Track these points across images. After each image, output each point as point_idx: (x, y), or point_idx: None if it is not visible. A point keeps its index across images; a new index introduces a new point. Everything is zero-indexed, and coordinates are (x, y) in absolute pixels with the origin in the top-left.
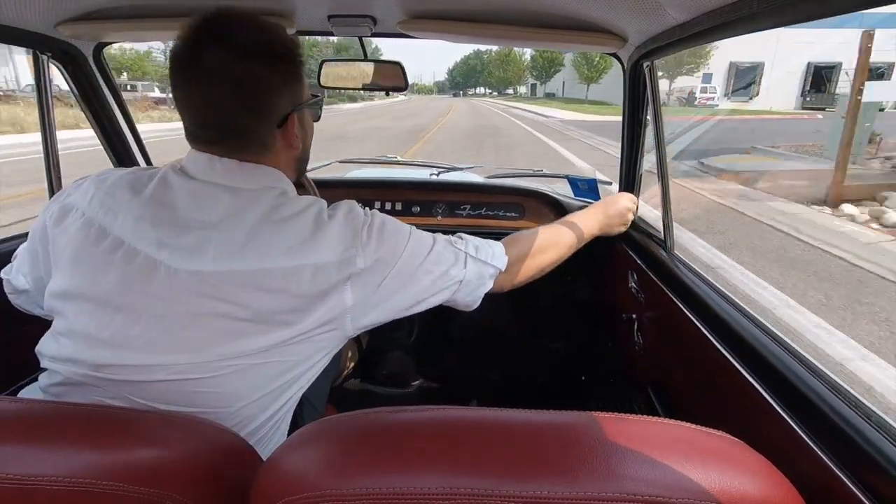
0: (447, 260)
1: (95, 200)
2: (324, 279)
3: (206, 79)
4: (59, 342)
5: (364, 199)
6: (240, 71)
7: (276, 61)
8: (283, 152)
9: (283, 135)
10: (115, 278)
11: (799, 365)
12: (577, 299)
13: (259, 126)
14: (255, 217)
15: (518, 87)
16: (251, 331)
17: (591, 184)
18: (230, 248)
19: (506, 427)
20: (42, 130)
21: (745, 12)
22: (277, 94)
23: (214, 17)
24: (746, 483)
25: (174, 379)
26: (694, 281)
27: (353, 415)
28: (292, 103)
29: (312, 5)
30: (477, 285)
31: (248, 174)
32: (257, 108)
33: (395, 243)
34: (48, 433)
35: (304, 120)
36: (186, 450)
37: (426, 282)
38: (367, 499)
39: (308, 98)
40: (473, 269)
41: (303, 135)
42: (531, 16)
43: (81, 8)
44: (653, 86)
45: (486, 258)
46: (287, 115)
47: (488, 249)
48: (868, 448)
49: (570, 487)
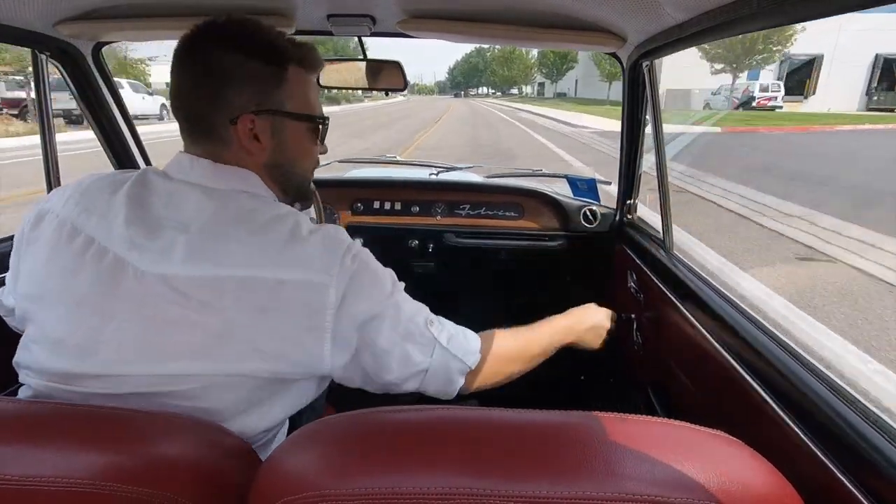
0: (417, 341)
1: (71, 202)
2: (294, 293)
3: (178, 64)
4: (30, 350)
5: (363, 199)
6: (207, 58)
7: (248, 55)
8: (242, 152)
9: (236, 132)
10: (85, 278)
11: (798, 365)
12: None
13: (214, 115)
14: (225, 219)
15: (523, 86)
16: (221, 342)
17: (590, 183)
18: (198, 251)
19: (505, 427)
20: (41, 130)
21: (744, 12)
22: (238, 88)
23: (215, 19)
24: (746, 483)
25: (143, 392)
26: (693, 281)
27: (351, 415)
28: (256, 104)
29: (312, 5)
30: (445, 379)
31: (220, 174)
32: (212, 96)
33: (374, 294)
34: (47, 434)
35: (283, 131)
36: (186, 450)
37: (391, 358)
38: (366, 498)
39: (296, 109)
40: (440, 360)
41: (276, 145)
42: (530, 15)
43: (80, 7)
44: (652, 85)
45: (456, 351)
46: (242, 113)
47: (461, 341)
48: (867, 448)
49: (570, 487)
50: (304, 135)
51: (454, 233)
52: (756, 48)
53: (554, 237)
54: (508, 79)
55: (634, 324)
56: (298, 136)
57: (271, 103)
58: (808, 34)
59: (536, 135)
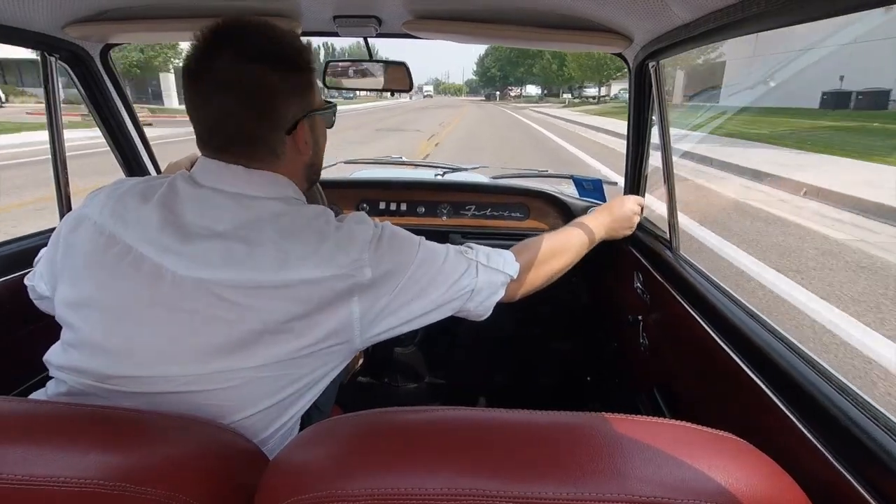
0: (458, 269)
1: (107, 210)
2: (330, 290)
3: (216, 86)
4: (67, 352)
5: (369, 200)
6: (250, 78)
7: (286, 68)
8: (293, 159)
9: (292, 142)
10: (123, 285)
11: (805, 366)
12: (582, 300)
13: (268, 133)
14: (261, 225)
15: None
16: (256, 341)
17: (596, 184)
18: (234, 256)
19: (511, 428)
20: (49, 132)
21: (751, 11)
22: (287, 101)
23: (227, 25)
24: (753, 484)
25: (178, 391)
26: (700, 282)
27: (359, 415)
28: (303, 110)
29: (318, 6)
30: (488, 294)
31: (254, 181)
32: (266, 115)
33: (405, 254)
34: (56, 434)
35: (316, 126)
36: (193, 451)
37: (437, 293)
38: (373, 499)
39: (320, 105)
40: (485, 277)
41: (314, 141)
42: (536, 16)
43: (89, 9)
44: (659, 86)
45: (497, 266)
46: (297, 121)
47: (498, 258)
48: (876, 449)
49: (576, 488)
50: (324, 125)
51: (460, 233)
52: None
53: None
54: (578, 73)
55: (640, 324)
56: (323, 127)
57: (311, 105)
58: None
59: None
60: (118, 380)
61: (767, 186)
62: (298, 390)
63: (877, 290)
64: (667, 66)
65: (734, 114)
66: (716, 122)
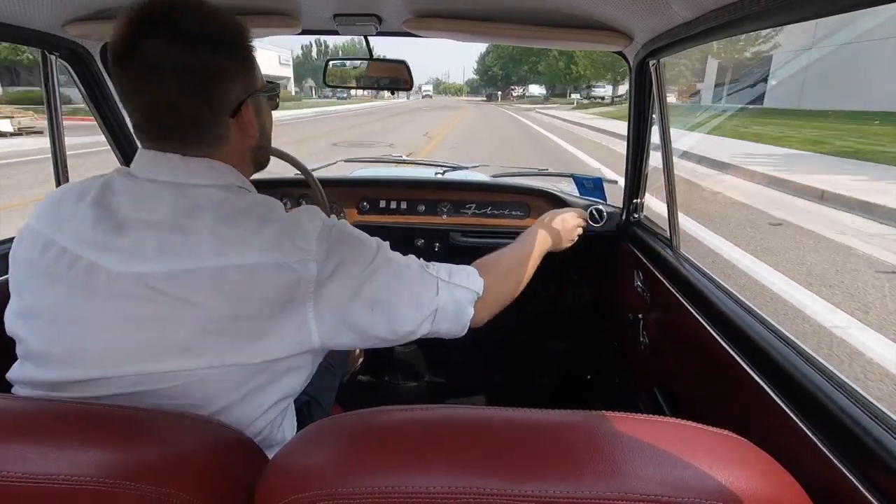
0: (420, 283)
1: (44, 215)
2: (272, 285)
3: (150, 72)
4: (23, 366)
5: (369, 198)
6: (187, 60)
7: (226, 47)
8: (239, 143)
9: (237, 125)
10: (61, 289)
11: (806, 364)
12: (582, 299)
13: (211, 117)
14: (198, 213)
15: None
16: (201, 343)
17: (596, 182)
18: (169, 246)
19: (512, 426)
20: (50, 131)
21: (752, 9)
22: (228, 82)
23: (155, 5)
24: (753, 482)
25: (130, 392)
26: (700, 280)
27: (359, 413)
28: (246, 91)
29: (318, 5)
30: (456, 312)
31: (192, 169)
32: (207, 99)
33: (358, 255)
34: (55, 432)
35: (261, 108)
36: (192, 448)
37: (401, 307)
38: (374, 497)
39: (263, 85)
40: (447, 295)
41: (260, 123)
42: (536, 14)
43: (89, 8)
44: (659, 84)
45: (461, 282)
46: (241, 103)
47: (461, 274)
48: (877, 448)
49: (577, 487)
50: (268, 105)
51: (460, 232)
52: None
53: None
54: (585, 71)
55: (641, 323)
56: (267, 109)
57: (254, 85)
58: None
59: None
60: (70, 386)
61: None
62: (267, 376)
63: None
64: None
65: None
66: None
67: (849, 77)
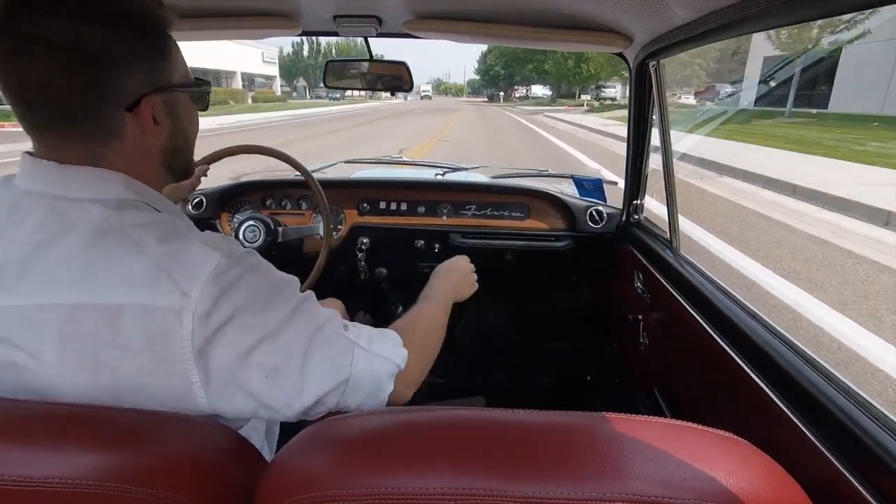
0: (334, 349)
1: None
2: (142, 332)
3: (28, 49)
4: None
5: (369, 199)
6: (72, 39)
7: (126, 27)
8: (138, 143)
9: (136, 121)
10: None
11: (806, 366)
12: (582, 299)
13: (98, 107)
14: (64, 236)
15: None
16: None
17: (596, 184)
18: (24, 275)
19: (512, 427)
20: None
21: (751, 11)
22: (125, 69)
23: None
24: (753, 483)
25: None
26: (700, 281)
27: (358, 414)
28: (151, 83)
29: (319, 6)
30: (372, 387)
31: (71, 179)
32: (94, 83)
33: (264, 308)
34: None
35: (177, 106)
36: (190, 451)
37: (305, 376)
38: (374, 498)
39: (184, 80)
40: (364, 366)
41: (174, 124)
42: (537, 16)
43: None
44: (659, 86)
45: (381, 351)
46: (141, 96)
47: (383, 341)
48: (876, 449)
49: (576, 487)
50: (193, 105)
51: (460, 233)
52: None
53: (560, 237)
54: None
55: (641, 324)
56: (189, 108)
57: (165, 79)
58: None
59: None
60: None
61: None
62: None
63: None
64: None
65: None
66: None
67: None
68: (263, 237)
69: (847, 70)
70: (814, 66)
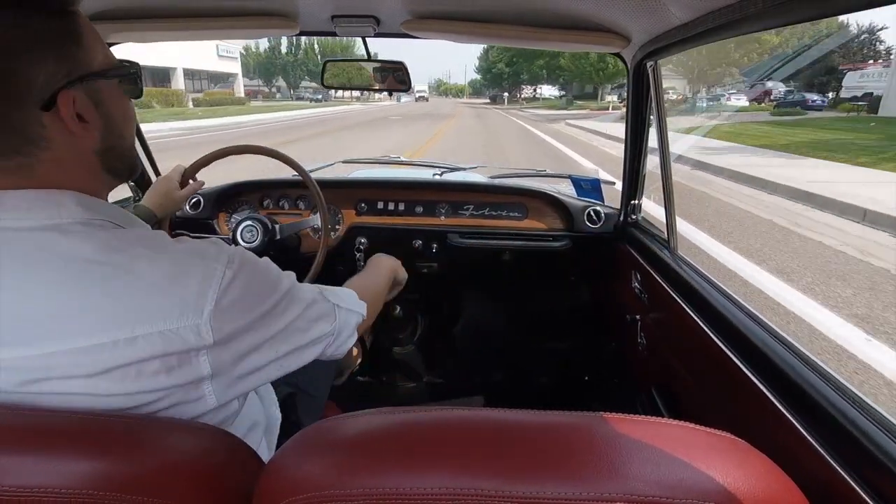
0: (321, 313)
1: None
2: (169, 349)
3: None
4: None
5: (367, 199)
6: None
7: (20, 9)
8: (68, 146)
9: (56, 121)
10: None
11: (803, 365)
12: (580, 299)
13: (9, 112)
14: (35, 271)
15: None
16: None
17: (594, 183)
18: (29, 325)
19: (510, 427)
20: None
21: (749, 11)
22: (31, 61)
23: None
24: (751, 483)
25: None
26: (698, 281)
27: (354, 415)
28: (65, 74)
29: (316, 6)
30: (346, 336)
31: (8, 208)
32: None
33: (265, 298)
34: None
35: (103, 98)
36: (186, 456)
37: (302, 340)
38: (372, 499)
39: (105, 64)
40: (343, 318)
41: (104, 120)
42: (534, 16)
43: (87, 10)
44: (657, 86)
45: (351, 306)
46: (57, 91)
47: (350, 297)
48: (873, 450)
49: (574, 487)
50: (123, 95)
51: (458, 233)
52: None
53: (558, 237)
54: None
55: (638, 324)
56: (118, 98)
57: (81, 68)
58: None
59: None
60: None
61: None
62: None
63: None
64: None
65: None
66: None
67: None
68: (261, 237)
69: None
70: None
